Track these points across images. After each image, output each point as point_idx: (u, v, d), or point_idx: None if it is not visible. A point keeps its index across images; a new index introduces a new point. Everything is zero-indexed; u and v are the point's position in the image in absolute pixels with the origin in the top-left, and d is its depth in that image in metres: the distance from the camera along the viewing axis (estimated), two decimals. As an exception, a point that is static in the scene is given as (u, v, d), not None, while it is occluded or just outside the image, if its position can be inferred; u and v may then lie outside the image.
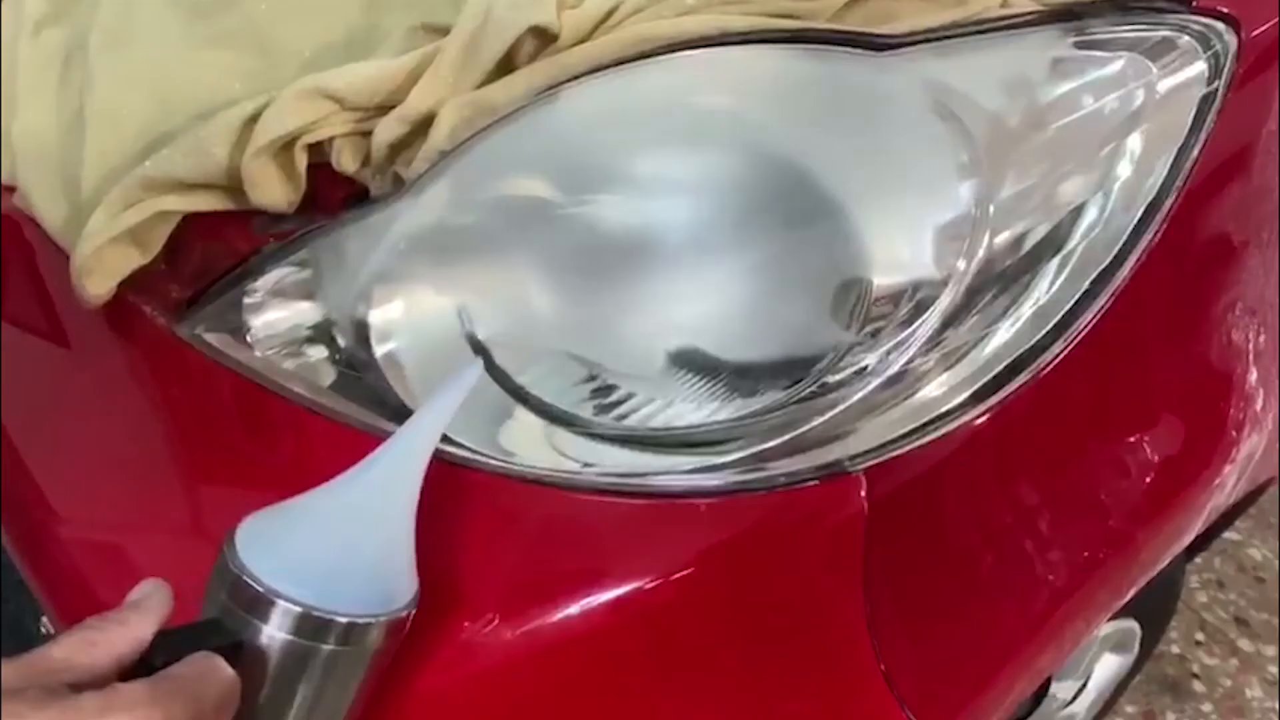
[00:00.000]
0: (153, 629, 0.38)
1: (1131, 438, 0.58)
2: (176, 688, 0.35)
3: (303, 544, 0.41)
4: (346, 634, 0.39)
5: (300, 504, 0.43)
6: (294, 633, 0.39)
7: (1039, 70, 0.50)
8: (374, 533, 0.42)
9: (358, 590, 0.40)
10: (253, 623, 0.39)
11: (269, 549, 0.40)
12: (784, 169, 0.47)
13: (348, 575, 0.41)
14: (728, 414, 0.50)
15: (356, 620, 0.39)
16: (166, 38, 0.77)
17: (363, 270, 0.53)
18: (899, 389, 0.50)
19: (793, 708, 0.50)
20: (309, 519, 0.42)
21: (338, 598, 0.39)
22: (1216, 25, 0.54)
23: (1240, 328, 0.61)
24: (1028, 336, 0.52)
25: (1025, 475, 0.55)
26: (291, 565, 0.39)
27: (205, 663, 0.37)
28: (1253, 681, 1.41)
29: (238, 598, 0.39)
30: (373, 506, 0.42)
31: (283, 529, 0.42)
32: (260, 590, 0.39)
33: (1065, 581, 0.57)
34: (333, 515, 0.42)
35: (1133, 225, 0.53)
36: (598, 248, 0.50)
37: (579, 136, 0.50)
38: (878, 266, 0.47)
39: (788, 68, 0.49)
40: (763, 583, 0.49)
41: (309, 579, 0.39)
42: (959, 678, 0.56)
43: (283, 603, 0.38)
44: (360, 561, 0.41)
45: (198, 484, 0.66)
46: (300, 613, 0.39)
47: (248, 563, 0.39)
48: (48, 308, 0.78)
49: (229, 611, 0.39)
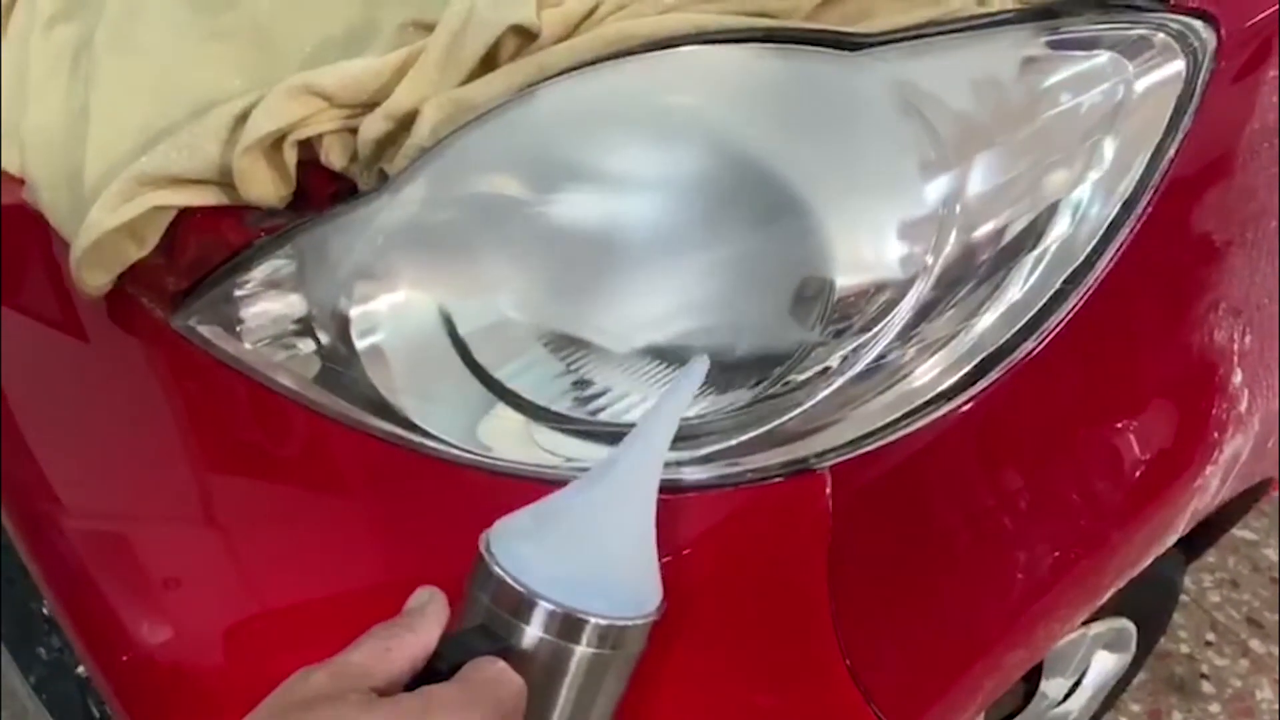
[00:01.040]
0: (438, 634, 0.40)
1: (1107, 437, 0.58)
2: (481, 691, 0.38)
3: (556, 547, 0.42)
4: (602, 636, 0.41)
5: (548, 510, 0.44)
6: (555, 634, 0.40)
7: (1009, 69, 0.50)
8: (622, 538, 0.43)
9: (612, 594, 0.42)
10: (518, 625, 0.40)
11: (525, 553, 0.41)
12: (750, 167, 0.48)
13: (602, 579, 0.42)
14: (697, 410, 0.51)
15: (615, 621, 0.41)
16: (171, 34, 0.79)
17: (344, 265, 0.55)
18: (866, 387, 0.50)
19: (758, 701, 0.51)
20: (559, 523, 0.43)
21: (595, 600, 0.41)
22: (1194, 23, 0.53)
23: (1224, 328, 0.60)
24: (999, 334, 0.52)
25: (997, 474, 0.55)
26: (548, 568, 0.41)
27: (497, 667, 0.39)
28: (1263, 683, 1.39)
29: (501, 601, 0.41)
30: (618, 509, 0.44)
31: (535, 533, 0.43)
32: (524, 593, 0.40)
33: (1036, 580, 0.57)
34: (582, 519, 0.43)
35: (1108, 224, 0.52)
36: (568, 244, 0.50)
37: (551, 134, 0.51)
38: (842, 265, 0.47)
39: (757, 67, 0.50)
40: (727, 577, 0.50)
41: (566, 582, 0.41)
42: (927, 674, 0.56)
43: (544, 604, 0.40)
44: (613, 566, 0.43)
45: (194, 471, 0.68)
46: (562, 614, 0.40)
47: (508, 567, 0.41)
48: (56, 298, 0.80)
49: (493, 615, 0.41)
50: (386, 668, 0.38)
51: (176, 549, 0.67)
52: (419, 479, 0.58)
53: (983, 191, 0.49)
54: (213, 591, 0.64)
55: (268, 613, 0.63)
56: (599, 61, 0.53)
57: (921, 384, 0.51)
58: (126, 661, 0.58)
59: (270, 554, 0.64)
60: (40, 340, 0.79)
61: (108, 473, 0.71)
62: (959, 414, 0.52)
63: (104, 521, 0.69)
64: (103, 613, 0.63)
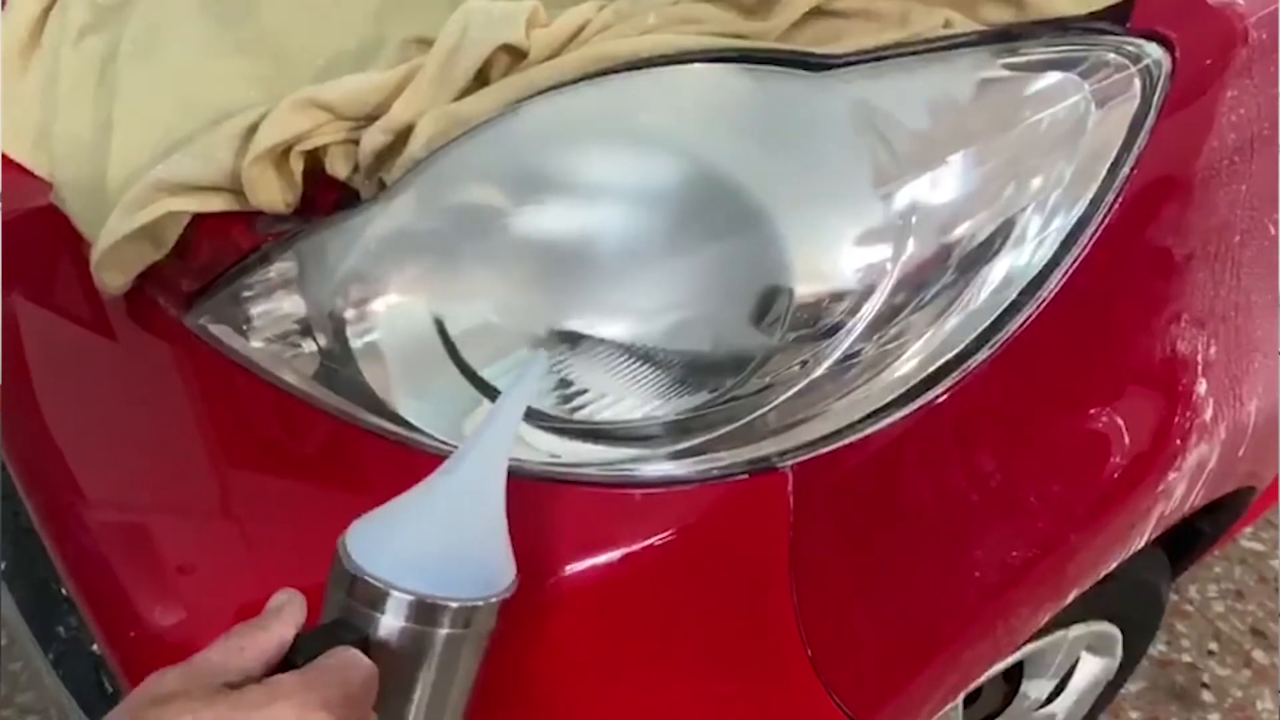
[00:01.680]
0: (292, 632, 0.42)
1: (1066, 442, 0.60)
2: (326, 677, 0.40)
3: (408, 540, 0.44)
4: (458, 617, 0.43)
5: (400, 504, 0.46)
6: (412, 620, 0.42)
7: (966, 90, 0.52)
8: (471, 523, 0.46)
9: (464, 577, 0.44)
10: (374, 616, 0.42)
11: (378, 548, 0.44)
12: (716, 181, 0.50)
13: (453, 564, 0.44)
14: (667, 410, 0.53)
15: (466, 603, 0.43)
16: (192, 47, 0.83)
17: (340, 269, 0.58)
18: (827, 390, 0.52)
19: (721, 689, 0.54)
20: (410, 517, 0.46)
21: (447, 585, 0.43)
22: (1150, 46, 0.55)
23: (1187, 339, 0.62)
24: (958, 342, 0.54)
25: (956, 475, 0.57)
26: (401, 560, 0.43)
27: (345, 654, 0.41)
28: (1264, 693, 1.39)
29: (357, 595, 0.43)
30: (467, 500, 0.46)
31: (387, 529, 0.45)
32: (377, 585, 0.42)
33: (994, 579, 0.59)
34: (432, 511, 0.46)
35: (1064, 237, 0.55)
36: (548, 251, 0.53)
37: (533, 148, 0.54)
38: (801, 275, 0.50)
39: (728, 85, 0.52)
40: (693, 569, 0.52)
41: (419, 571, 0.43)
42: (887, 667, 0.58)
43: (397, 594, 0.42)
44: (462, 550, 0.45)
45: (206, 463, 0.72)
46: (415, 601, 0.42)
47: (361, 562, 0.43)
48: (82, 295, 0.84)
49: (350, 609, 0.43)
50: (240, 664, 0.40)
51: (187, 536, 0.70)
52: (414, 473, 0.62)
53: (940, 205, 0.52)
54: (219, 576, 0.68)
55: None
56: (583, 79, 0.56)
57: (882, 388, 0.54)
58: (134, 638, 0.61)
59: (274, 542, 0.68)
60: (65, 335, 0.83)
61: (125, 462, 0.75)
62: (920, 416, 0.54)
63: (121, 508, 0.73)
64: (115, 593, 0.67)
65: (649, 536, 0.52)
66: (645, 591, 0.52)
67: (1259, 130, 0.61)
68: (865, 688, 0.58)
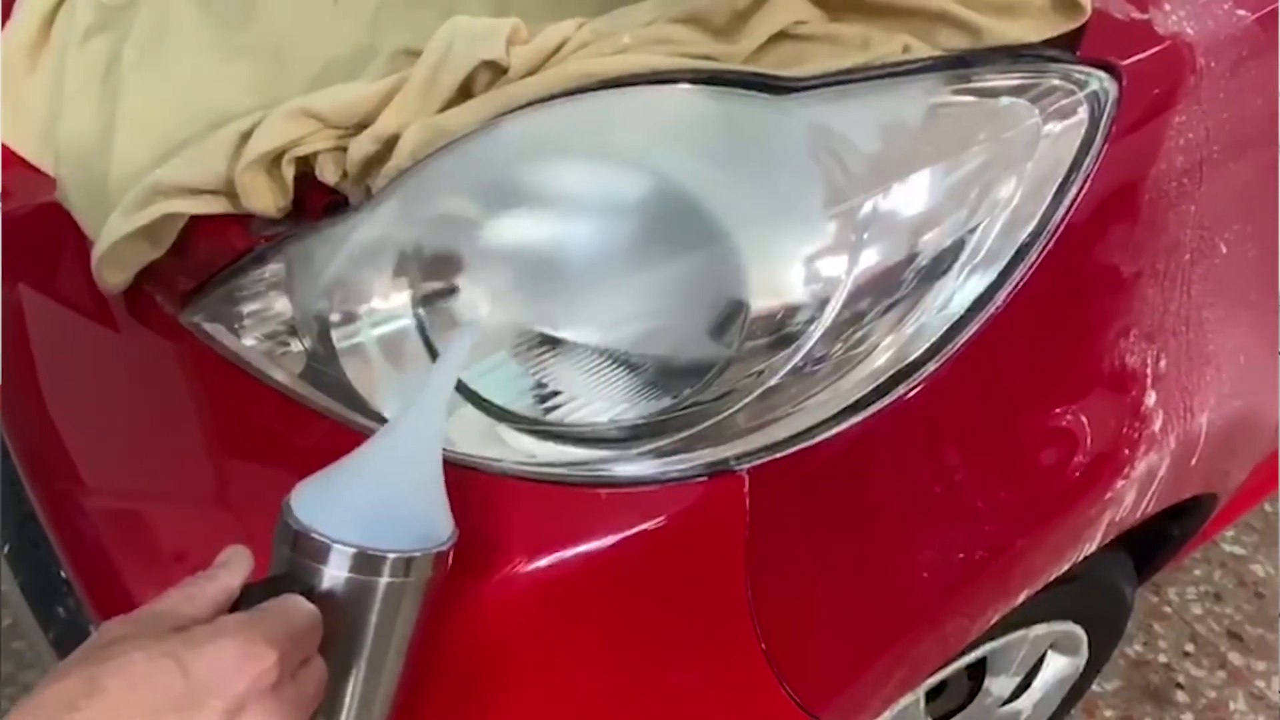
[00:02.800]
0: (239, 582, 0.44)
1: (1015, 450, 0.63)
2: (269, 617, 0.42)
3: (350, 496, 0.47)
4: (397, 567, 0.46)
5: (342, 464, 0.49)
6: (354, 570, 0.45)
7: (918, 114, 0.55)
8: (408, 479, 0.49)
9: (403, 530, 0.47)
10: (317, 569, 0.45)
11: (321, 505, 0.46)
12: (679, 198, 0.53)
13: (392, 518, 0.47)
14: (632, 414, 0.56)
15: (404, 554, 0.46)
16: (193, 52, 0.85)
17: (326, 274, 0.61)
18: (783, 397, 0.55)
19: (678, 679, 0.57)
20: (351, 475, 0.49)
21: (386, 537, 0.46)
22: (1098, 73, 0.58)
23: (1136, 353, 0.65)
24: (910, 353, 0.57)
25: (907, 479, 0.60)
26: (343, 515, 0.46)
27: (288, 599, 0.43)
28: (1238, 695, 1.42)
29: (301, 549, 0.45)
30: (404, 457, 0.49)
31: (330, 487, 0.48)
32: (319, 539, 0.45)
33: (942, 580, 0.61)
34: (371, 469, 0.49)
35: (1012, 256, 0.57)
36: (521, 261, 0.56)
37: (507, 163, 0.57)
38: (757, 289, 0.52)
39: (693, 108, 0.55)
40: (654, 565, 0.55)
41: (359, 525, 0.46)
42: (837, 659, 0.61)
43: (339, 546, 0.45)
44: (401, 505, 0.48)
45: (205, 456, 0.75)
46: (355, 552, 0.45)
47: (304, 519, 0.46)
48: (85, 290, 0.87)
49: (295, 564, 0.45)
50: (189, 610, 0.42)
51: (183, 524, 0.74)
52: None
53: (893, 224, 0.54)
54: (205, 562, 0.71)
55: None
56: (560, 96, 0.58)
57: (836, 396, 0.56)
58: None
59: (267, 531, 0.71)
60: (68, 327, 0.86)
61: (124, 452, 0.78)
62: (872, 423, 0.57)
63: (119, 496, 0.77)
64: (112, 578, 0.70)
65: (612, 534, 0.55)
66: (608, 585, 0.55)
67: (1208, 153, 0.63)
68: (816, 679, 0.61)
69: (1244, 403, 0.78)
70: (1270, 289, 0.75)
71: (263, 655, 0.40)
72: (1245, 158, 0.66)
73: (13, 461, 0.84)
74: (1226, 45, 0.62)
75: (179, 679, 0.38)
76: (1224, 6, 0.63)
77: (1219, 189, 0.65)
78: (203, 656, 0.39)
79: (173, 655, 0.39)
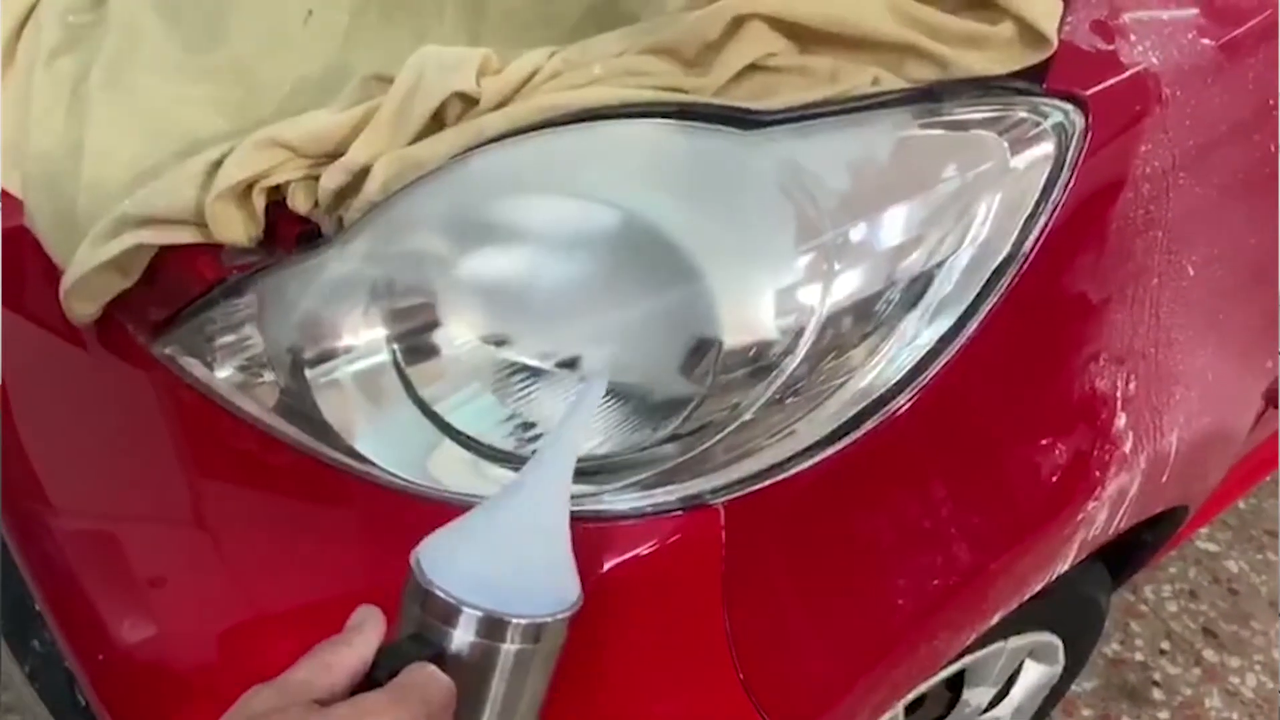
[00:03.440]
0: (374, 648, 0.44)
1: (988, 476, 0.63)
2: (410, 694, 0.42)
3: (477, 557, 0.47)
4: (526, 633, 0.46)
5: (468, 521, 0.49)
6: (482, 635, 0.45)
7: (886, 148, 0.55)
8: (536, 543, 0.49)
9: (530, 594, 0.47)
10: (447, 631, 0.45)
11: (449, 564, 0.46)
12: (649, 235, 0.53)
13: (519, 582, 0.47)
14: (609, 448, 0.56)
15: (533, 620, 0.46)
16: (161, 74, 0.84)
17: (298, 309, 0.60)
18: (756, 432, 0.55)
19: (658, 709, 0.57)
20: (479, 535, 0.48)
21: (514, 602, 0.46)
22: (1065, 105, 0.58)
23: (1106, 376, 0.65)
24: (879, 387, 0.57)
25: (880, 508, 0.60)
26: (471, 577, 0.46)
27: (426, 671, 0.43)
28: (1213, 692, 1.44)
29: (430, 610, 0.45)
30: (531, 520, 0.49)
31: (457, 545, 0.48)
32: (449, 601, 0.45)
33: (916, 605, 0.62)
34: (499, 530, 0.48)
35: (981, 286, 0.58)
36: (494, 296, 0.56)
37: (477, 199, 0.56)
38: (729, 327, 0.53)
39: (663, 143, 0.55)
40: (633, 599, 0.55)
41: (487, 587, 0.45)
42: (814, 687, 0.62)
43: (468, 609, 0.44)
44: (528, 569, 0.48)
45: (174, 481, 0.74)
46: (484, 616, 0.45)
47: (434, 578, 0.45)
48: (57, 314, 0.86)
49: (424, 624, 0.45)
50: (327, 681, 0.42)
51: (156, 552, 0.73)
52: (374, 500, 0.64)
53: (863, 257, 0.55)
54: (187, 593, 0.71)
55: (243, 613, 0.69)
56: (531, 128, 0.58)
57: (809, 428, 0.57)
58: (104, 660, 0.64)
59: (241, 559, 0.70)
60: (39, 352, 0.85)
61: (98, 481, 0.77)
62: (845, 455, 0.58)
63: (91, 523, 0.76)
64: (85, 608, 0.70)
65: (592, 569, 0.55)
66: (588, 618, 0.55)
67: (1174, 181, 0.64)
68: (794, 707, 0.61)
69: (1213, 419, 0.79)
70: (1236, 307, 0.76)
71: None
72: (1210, 182, 0.67)
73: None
74: (1191, 74, 0.63)
75: None
76: (1188, 36, 0.63)
77: (1185, 214, 0.66)
78: None
79: None
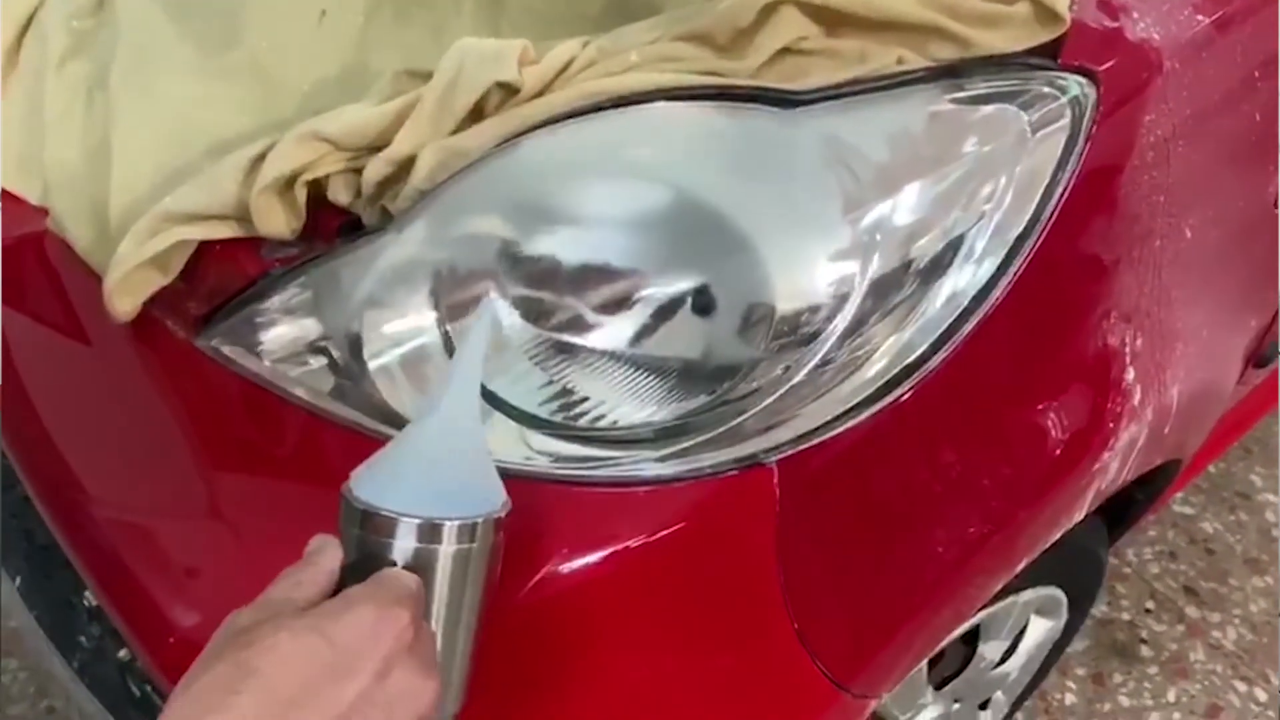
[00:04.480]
0: (337, 566, 0.46)
1: (1017, 430, 0.67)
2: (388, 585, 0.44)
3: (406, 474, 0.50)
4: (459, 534, 0.48)
5: (392, 448, 0.51)
6: (421, 540, 0.47)
7: (919, 122, 0.59)
8: (458, 453, 0.51)
9: (460, 501, 0.49)
10: (387, 543, 0.47)
11: (380, 486, 0.49)
12: (702, 210, 0.56)
13: (449, 490, 0.49)
14: (663, 416, 0.59)
15: (465, 520, 0.48)
16: (178, 75, 0.85)
17: (355, 295, 0.62)
18: (807, 392, 0.58)
19: (718, 662, 0.60)
20: (404, 455, 0.51)
21: (447, 509, 0.48)
22: (1079, 79, 0.62)
23: (1116, 333, 0.70)
24: (915, 348, 0.61)
25: (918, 462, 0.64)
26: (404, 493, 0.48)
27: (393, 570, 0.46)
28: (1197, 646, 1.50)
29: (371, 529, 0.48)
30: (451, 434, 0.51)
31: (384, 469, 0.50)
32: (387, 516, 0.47)
33: (954, 554, 0.66)
34: (422, 448, 0.51)
35: (1006, 251, 0.62)
36: (549, 275, 0.59)
37: (533, 181, 0.59)
38: (781, 293, 0.56)
39: (708, 123, 0.58)
40: (691, 558, 0.58)
41: (420, 499, 0.48)
42: (864, 635, 0.65)
43: (405, 520, 0.47)
44: (455, 477, 0.51)
45: (212, 472, 0.76)
46: (420, 523, 0.47)
47: (369, 500, 0.48)
48: (82, 317, 0.87)
49: (364, 542, 0.48)
50: (301, 595, 0.44)
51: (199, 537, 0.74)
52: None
53: (900, 226, 0.58)
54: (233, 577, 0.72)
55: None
56: (573, 114, 0.61)
57: (853, 389, 0.60)
58: (173, 644, 0.65)
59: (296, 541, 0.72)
60: (67, 354, 0.86)
61: (133, 475, 0.78)
62: (887, 413, 0.61)
63: (134, 517, 0.77)
64: (141, 596, 0.71)
65: (651, 531, 0.57)
66: (649, 579, 0.58)
67: (1174, 148, 0.68)
68: (845, 654, 0.65)
69: (1206, 374, 0.84)
70: (1227, 267, 0.81)
71: (397, 616, 0.43)
72: (1205, 149, 0.71)
73: (15, 495, 0.83)
74: (1188, 48, 0.68)
75: (327, 649, 0.40)
76: (1185, 12, 0.68)
77: (1183, 179, 0.70)
78: (344, 626, 0.41)
79: (315, 629, 0.41)
